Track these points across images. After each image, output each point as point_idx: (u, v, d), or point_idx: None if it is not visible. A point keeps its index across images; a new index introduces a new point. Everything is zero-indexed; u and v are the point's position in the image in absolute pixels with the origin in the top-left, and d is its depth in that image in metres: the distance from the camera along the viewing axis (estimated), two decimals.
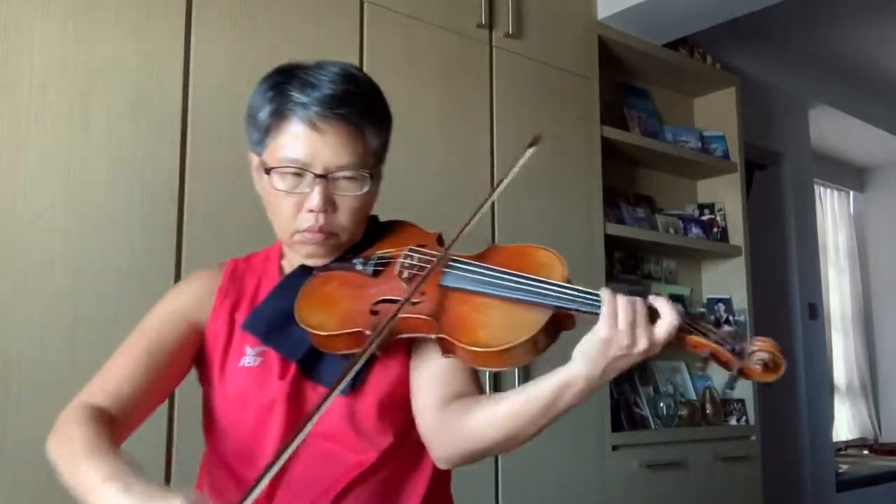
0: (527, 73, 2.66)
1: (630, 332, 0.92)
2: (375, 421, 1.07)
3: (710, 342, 0.93)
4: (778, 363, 0.92)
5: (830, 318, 5.43)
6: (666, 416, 2.98)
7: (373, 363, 1.08)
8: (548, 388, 0.96)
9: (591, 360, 0.94)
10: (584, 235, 2.74)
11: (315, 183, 1.05)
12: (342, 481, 1.05)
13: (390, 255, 1.11)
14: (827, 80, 4.61)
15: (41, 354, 1.67)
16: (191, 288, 1.18)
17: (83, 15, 1.80)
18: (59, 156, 1.74)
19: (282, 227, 1.11)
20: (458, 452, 1.03)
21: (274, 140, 1.08)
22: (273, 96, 1.08)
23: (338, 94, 1.05)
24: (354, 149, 1.06)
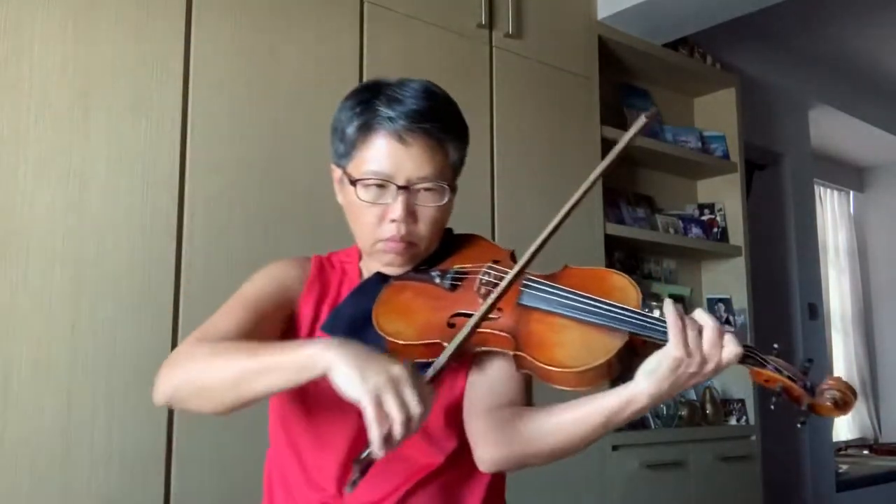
0: (527, 73, 2.65)
1: (699, 353, 0.95)
2: (443, 425, 1.12)
3: (782, 377, 0.96)
4: (847, 401, 0.94)
5: (830, 318, 5.42)
6: (666, 416, 2.98)
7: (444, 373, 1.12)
8: (611, 402, 0.99)
9: (659, 379, 0.96)
10: (584, 235, 2.74)
11: (398, 194, 1.10)
12: (410, 481, 1.10)
13: (467, 269, 1.15)
14: (827, 80, 4.61)
15: (41, 354, 1.67)
16: (289, 267, 1.21)
17: (83, 15, 1.80)
18: (59, 156, 1.74)
19: (364, 236, 1.15)
20: (507, 456, 1.06)
21: (360, 153, 1.12)
22: (361, 111, 1.12)
23: (422, 108, 1.10)
24: (435, 161, 1.11)
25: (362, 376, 0.88)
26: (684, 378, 0.96)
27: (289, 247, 2.02)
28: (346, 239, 2.11)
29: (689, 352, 0.94)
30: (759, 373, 0.97)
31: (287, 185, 2.05)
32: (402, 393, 0.87)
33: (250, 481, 1.86)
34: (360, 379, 0.88)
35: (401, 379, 0.88)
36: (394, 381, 0.88)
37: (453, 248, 1.21)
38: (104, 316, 1.75)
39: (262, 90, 2.04)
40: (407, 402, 0.87)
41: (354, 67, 2.22)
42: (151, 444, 1.77)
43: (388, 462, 1.09)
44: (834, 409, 0.94)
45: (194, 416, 1.83)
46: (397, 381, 0.88)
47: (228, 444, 1.87)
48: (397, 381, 0.88)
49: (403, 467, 1.11)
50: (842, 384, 0.94)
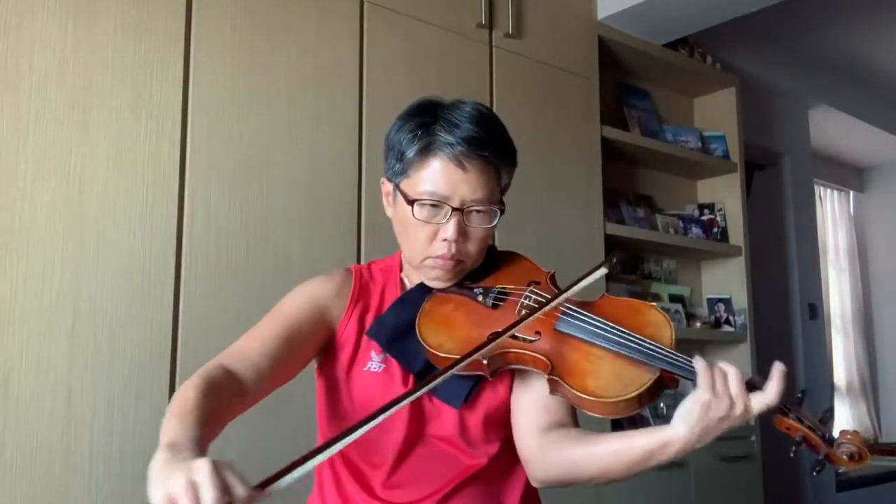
0: (527, 73, 2.65)
1: (727, 397, 1.00)
2: (482, 433, 1.17)
3: (803, 427, 1.01)
4: (863, 456, 0.98)
5: (830, 318, 5.42)
6: (666, 416, 2.98)
7: (483, 384, 1.17)
8: (647, 442, 1.04)
9: (690, 422, 1.01)
10: (584, 235, 2.74)
11: (452, 215, 1.14)
12: (456, 479, 1.16)
13: (509, 290, 1.19)
14: (827, 80, 4.61)
15: (41, 354, 1.67)
16: (328, 284, 1.24)
17: (83, 15, 1.80)
18: (59, 156, 1.74)
19: (414, 251, 1.19)
20: (553, 477, 1.12)
21: (417, 173, 1.15)
22: (421, 135, 1.15)
23: (479, 135, 1.14)
24: (489, 186, 1.16)
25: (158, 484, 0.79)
26: (714, 422, 1.00)
27: (289, 247, 2.02)
28: (344, 239, 2.12)
29: (716, 394, 0.99)
30: (782, 420, 1.02)
31: (287, 185, 2.05)
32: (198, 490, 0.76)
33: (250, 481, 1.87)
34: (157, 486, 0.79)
35: (198, 471, 0.78)
36: (190, 483, 0.77)
37: (495, 265, 1.26)
38: (104, 316, 1.75)
39: (262, 90, 2.04)
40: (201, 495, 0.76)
41: (354, 67, 2.22)
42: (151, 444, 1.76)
43: (433, 460, 1.17)
44: (849, 462, 0.99)
45: None
46: (194, 481, 0.77)
47: (228, 444, 1.87)
48: (194, 481, 0.77)
49: (447, 468, 1.17)
50: (858, 440, 0.99)
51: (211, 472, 0.78)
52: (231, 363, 1.07)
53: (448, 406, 1.16)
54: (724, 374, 1.00)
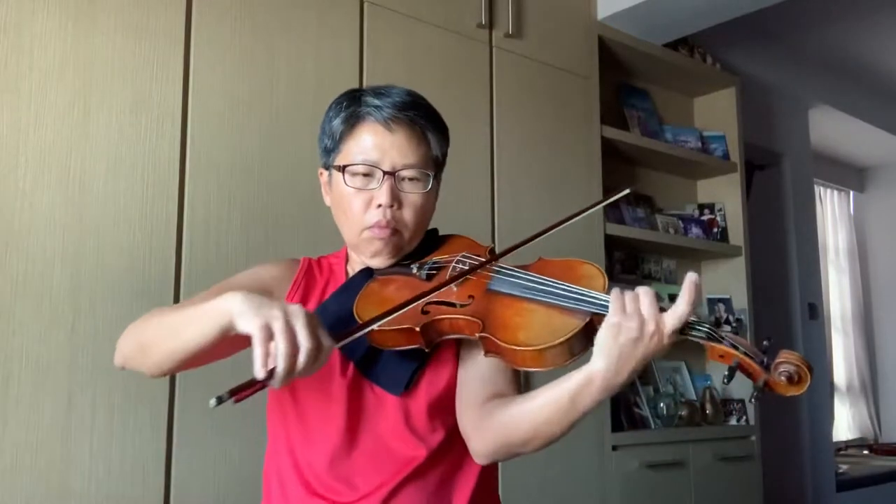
0: (527, 73, 2.66)
1: (637, 316, 0.96)
2: (426, 420, 1.15)
3: (738, 353, 0.95)
4: (802, 377, 0.93)
5: (830, 318, 5.43)
6: (666, 416, 2.98)
7: (425, 370, 1.17)
8: (571, 382, 1.01)
9: (605, 351, 0.98)
10: (584, 235, 2.74)
11: (384, 180, 1.16)
12: (398, 476, 1.13)
13: (443, 261, 1.20)
14: (827, 80, 4.61)
15: (41, 354, 1.67)
16: (275, 269, 1.26)
17: (83, 15, 1.80)
18: (59, 156, 1.74)
19: (352, 225, 1.19)
20: (492, 446, 1.09)
21: (346, 145, 1.18)
22: (348, 104, 1.19)
23: (406, 100, 1.18)
24: (419, 150, 1.18)
25: (257, 310, 0.90)
26: (629, 346, 0.96)
27: (289, 247, 2.02)
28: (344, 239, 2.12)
29: (626, 315, 0.96)
30: (713, 348, 0.97)
31: (287, 185, 2.05)
32: (292, 325, 0.89)
33: (250, 481, 1.87)
34: (254, 312, 0.90)
35: (293, 313, 0.90)
36: (287, 314, 0.90)
37: (435, 246, 1.26)
38: (104, 316, 1.75)
39: (262, 90, 2.04)
40: (297, 334, 0.89)
41: (354, 67, 2.22)
42: (151, 444, 1.77)
43: (373, 457, 1.14)
44: (789, 386, 0.92)
45: (194, 416, 1.83)
46: (291, 314, 0.90)
47: (228, 444, 1.87)
48: (291, 314, 0.90)
49: (389, 461, 1.14)
50: (797, 359, 0.93)
51: (306, 316, 0.91)
52: None
53: (390, 395, 1.14)
54: (636, 295, 0.98)
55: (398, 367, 1.14)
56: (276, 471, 1.21)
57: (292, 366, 0.89)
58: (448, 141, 1.25)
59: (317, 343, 0.90)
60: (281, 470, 1.19)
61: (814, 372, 0.93)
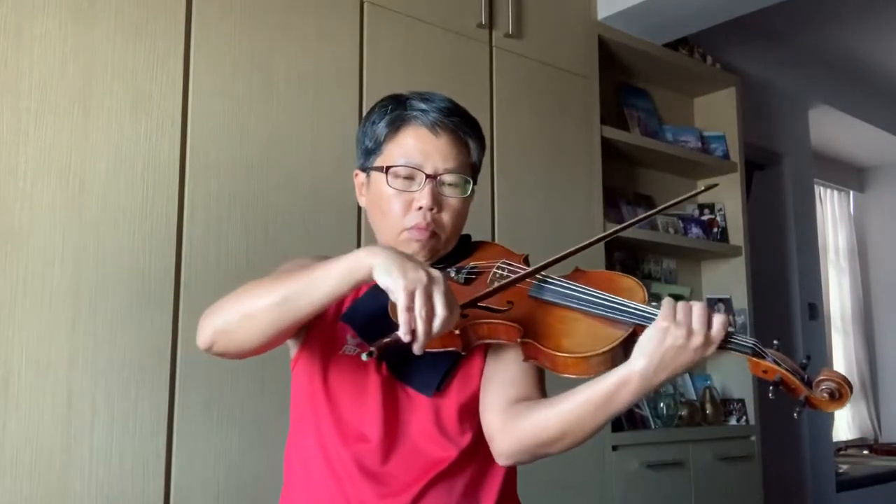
0: (527, 73, 2.66)
1: (686, 326, 0.99)
2: (456, 421, 1.16)
3: (781, 369, 0.98)
4: (843, 394, 0.96)
5: (830, 318, 5.42)
6: (666, 416, 2.98)
7: (456, 372, 1.18)
8: (607, 383, 1.03)
9: (648, 353, 1.00)
10: (584, 235, 2.73)
11: (425, 183, 1.18)
12: (426, 476, 1.14)
13: (481, 266, 1.22)
14: (827, 80, 4.61)
15: (41, 354, 1.67)
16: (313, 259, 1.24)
17: (83, 15, 1.80)
18: (59, 156, 1.74)
19: (391, 226, 1.21)
20: (518, 446, 1.10)
21: (389, 146, 1.21)
22: (393, 108, 1.22)
23: (451, 107, 1.23)
24: (461, 156, 1.21)
25: (403, 271, 0.96)
26: (672, 352, 0.99)
27: (289, 247, 2.02)
28: (345, 240, 2.12)
29: (675, 322, 1.00)
30: (757, 363, 1.00)
31: (287, 185, 2.05)
32: (433, 292, 0.96)
33: (250, 481, 1.87)
34: (401, 272, 0.96)
35: (437, 281, 0.97)
36: (430, 280, 0.96)
37: (470, 251, 1.28)
38: (104, 316, 1.75)
39: (262, 90, 2.04)
40: (435, 302, 0.95)
41: (354, 67, 2.22)
42: (151, 444, 1.77)
43: (405, 456, 1.15)
44: (830, 403, 0.96)
45: (194, 416, 1.83)
46: (433, 281, 0.96)
47: (228, 444, 1.87)
48: (433, 281, 0.96)
49: (419, 461, 1.14)
50: (837, 377, 0.96)
51: (446, 283, 0.98)
52: None
53: (422, 396, 1.16)
54: (689, 307, 1.01)
55: (430, 368, 1.15)
56: (301, 458, 1.21)
57: (430, 330, 0.95)
58: (484, 148, 1.28)
59: (450, 311, 0.96)
60: (308, 458, 1.20)
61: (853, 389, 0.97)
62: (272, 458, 1.62)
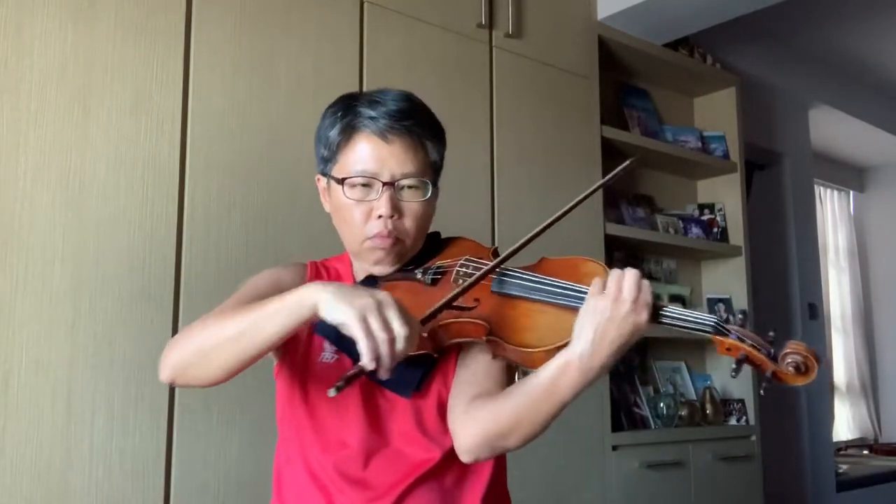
0: (527, 73, 2.66)
1: (613, 294, 0.98)
2: (438, 422, 1.15)
3: (745, 346, 0.96)
4: (810, 366, 0.93)
5: (830, 318, 5.42)
6: (666, 416, 2.98)
7: (434, 372, 1.17)
8: (550, 369, 1.01)
9: (581, 334, 0.99)
10: (584, 235, 2.74)
11: (383, 190, 1.15)
12: (409, 478, 1.13)
13: (446, 265, 1.19)
14: (827, 80, 4.61)
15: (41, 354, 1.67)
16: (290, 272, 1.25)
17: (83, 15, 1.80)
18: (58, 156, 1.74)
19: (353, 235, 1.19)
20: (474, 440, 1.08)
21: (344, 156, 1.18)
22: (343, 115, 1.18)
23: (402, 108, 1.17)
24: (417, 158, 1.17)
25: (349, 302, 0.94)
26: (603, 327, 0.97)
27: (288, 247, 2.02)
28: None
29: (602, 294, 0.98)
30: (721, 342, 0.98)
31: (287, 185, 2.05)
32: (386, 314, 0.93)
33: (250, 481, 1.87)
34: (347, 304, 0.93)
35: (386, 302, 0.94)
36: (379, 302, 0.94)
37: (439, 249, 1.26)
38: (104, 316, 1.75)
39: (262, 90, 2.04)
40: (391, 323, 0.93)
41: (354, 67, 2.22)
42: (151, 444, 1.77)
43: (387, 460, 1.14)
44: (797, 376, 0.93)
45: (194, 416, 1.83)
46: (383, 303, 0.94)
47: (228, 444, 1.87)
48: (383, 303, 0.94)
49: (402, 464, 1.14)
50: (803, 349, 0.94)
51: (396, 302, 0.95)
52: None
53: (402, 399, 1.15)
54: (618, 276, 1.00)
55: (407, 371, 1.13)
56: (287, 465, 1.21)
57: (393, 353, 0.93)
58: (444, 143, 1.25)
59: (409, 328, 0.94)
60: (293, 465, 1.20)
61: (821, 361, 0.93)
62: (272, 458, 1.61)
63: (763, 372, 0.95)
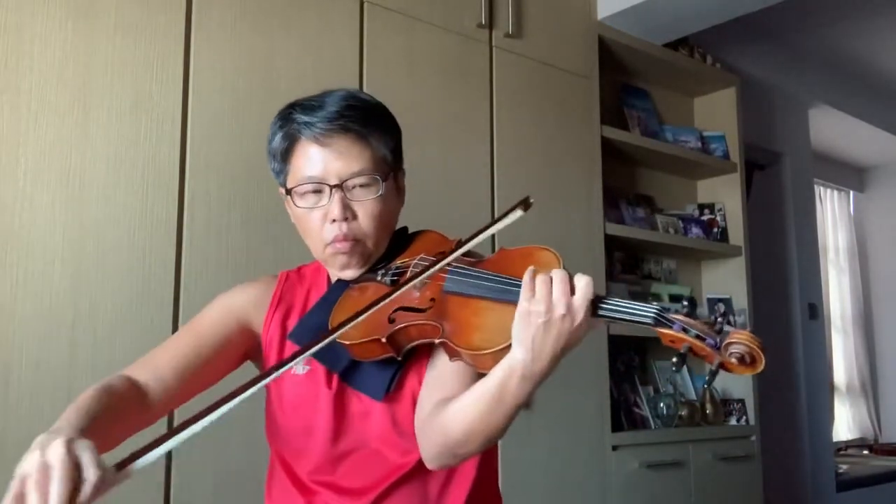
0: (527, 73, 2.66)
1: (545, 300, 0.93)
2: (412, 424, 1.12)
3: (688, 337, 0.91)
4: (755, 356, 0.88)
5: (830, 318, 5.43)
6: (666, 416, 2.98)
7: (407, 372, 1.14)
8: (494, 378, 0.97)
9: (519, 339, 0.95)
10: (584, 235, 2.74)
11: (333, 193, 1.13)
12: (386, 481, 1.12)
13: (406, 264, 1.16)
14: (827, 80, 4.61)
15: (41, 354, 1.67)
16: (248, 291, 1.25)
17: (83, 15, 1.80)
18: (59, 156, 1.74)
19: (314, 244, 1.18)
20: (434, 448, 1.06)
21: (290, 164, 1.17)
22: (282, 124, 1.17)
23: (339, 109, 1.14)
24: (362, 156, 1.14)
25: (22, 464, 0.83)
26: (541, 332, 0.93)
27: (288, 247, 2.02)
28: None
29: (534, 300, 0.93)
30: (664, 333, 0.92)
31: None
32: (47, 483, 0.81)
33: (250, 481, 1.87)
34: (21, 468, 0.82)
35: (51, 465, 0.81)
36: (43, 468, 0.82)
37: (404, 246, 1.22)
38: (104, 316, 1.75)
39: (262, 90, 2.04)
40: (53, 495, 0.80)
41: (354, 67, 2.22)
42: None
43: (361, 463, 1.13)
44: (743, 367, 0.88)
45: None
46: (47, 468, 0.81)
47: (228, 444, 1.87)
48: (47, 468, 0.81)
49: (379, 466, 1.13)
50: (746, 337, 0.88)
51: (64, 454, 0.81)
52: (136, 373, 1.10)
53: (377, 402, 1.12)
54: (547, 278, 0.95)
55: (379, 373, 1.12)
56: (274, 473, 1.23)
57: None
58: (395, 135, 1.20)
59: None
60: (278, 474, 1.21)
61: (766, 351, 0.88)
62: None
63: (710, 362, 0.90)
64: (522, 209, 1.05)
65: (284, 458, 1.20)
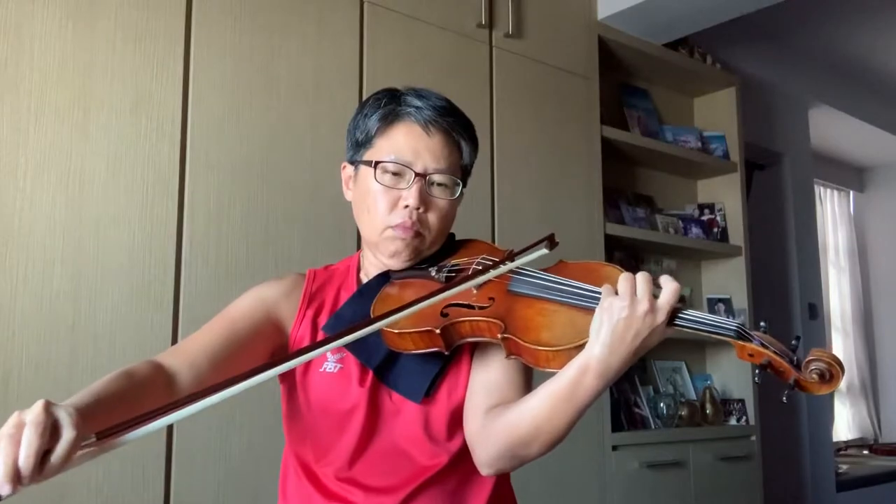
0: (527, 73, 2.66)
1: (628, 294, 0.97)
2: (445, 427, 1.14)
3: (768, 352, 0.93)
4: (834, 374, 0.91)
5: (830, 318, 5.42)
6: (666, 416, 2.98)
7: (445, 377, 1.15)
8: (567, 375, 0.99)
9: (598, 334, 0.97)
10: (584, 235, 2.74)
11: (414, 181, 1.15)
12: (414, 482, 1.12)
13: (462, 264, 1.18)
14: (827, 80, 4.61)
15: (41, 354, 1.67)
16: (280, 285, 1.24)
17: (83, 15, 1.80)
18: (59, 156, 1.74)
19: (374, 223, 1.17)
20: (495, 451, 1.06)
21: (381, 141, 1.17)
22: (387, 102, 1.19)
23: (446, 106, 1.19)
24: (452, 157, 1.18)
25: None
26: (621, 327, 0.96)
27: (289, 247, 2.02)
28: (344, 239, 2.12)
29: (617, 297, 0.97)
30: (743, 346, 0.95)
31: (287, 185, 2.05)
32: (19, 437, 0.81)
33: (250, 481, 1.87)
34: None
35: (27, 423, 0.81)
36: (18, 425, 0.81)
37: (453, 249, 1.25)
38: (104, 316, 1.75)
39: (262, 90, 2.04)
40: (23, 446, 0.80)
41: (354, 67, 2.22)
42: (151, 444, 1.77)
43: (389, 463, 1.13)
44: (820, 385, 0.91)
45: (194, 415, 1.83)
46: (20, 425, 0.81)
47: (228, 444, 1.87)
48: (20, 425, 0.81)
49: (406, 467, 1.13)
50: (827, 357, 0.91)
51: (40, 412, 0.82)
52: (165, 360, 1.09)
53: (409, 402, 1.13)
54: (631, 278, 0.99)
55: (417, 373, 1.13)
56: (291, 473, 1.21)
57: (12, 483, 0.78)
58: (477, 150, 1.25)
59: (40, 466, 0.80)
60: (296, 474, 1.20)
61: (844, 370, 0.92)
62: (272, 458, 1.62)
63: (786, 380, 0.94)
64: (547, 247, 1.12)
65: (305, 459, 1.18)
